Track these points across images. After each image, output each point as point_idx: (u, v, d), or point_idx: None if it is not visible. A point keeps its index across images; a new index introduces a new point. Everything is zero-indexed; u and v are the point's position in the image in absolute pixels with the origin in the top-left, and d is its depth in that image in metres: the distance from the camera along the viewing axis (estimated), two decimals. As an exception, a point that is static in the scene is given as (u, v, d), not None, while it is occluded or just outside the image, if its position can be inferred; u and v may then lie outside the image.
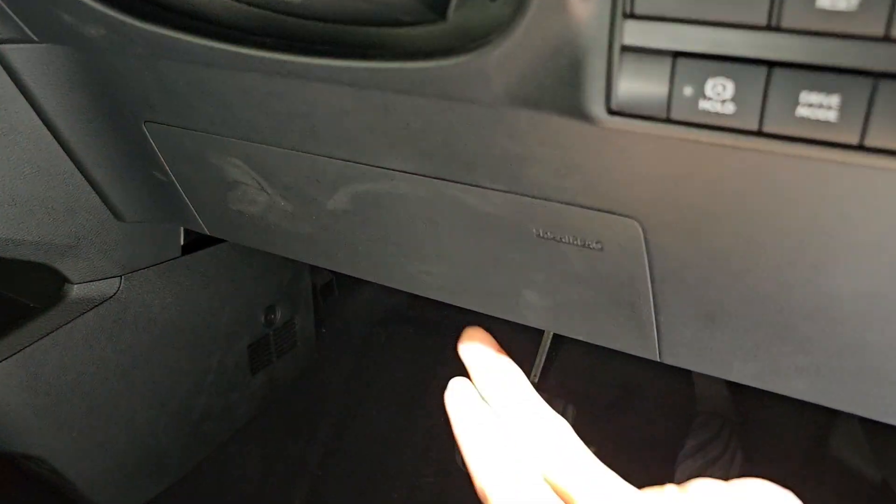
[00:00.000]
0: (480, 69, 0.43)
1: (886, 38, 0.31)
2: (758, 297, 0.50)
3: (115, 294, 0.90)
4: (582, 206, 0.52)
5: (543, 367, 1.19)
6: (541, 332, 1.23)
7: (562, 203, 0.52)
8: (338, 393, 1.33)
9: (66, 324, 0.86)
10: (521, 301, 0.64)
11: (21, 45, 0.67)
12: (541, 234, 0.56)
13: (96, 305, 0.89)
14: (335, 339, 1.36)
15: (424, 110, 0.51)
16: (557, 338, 1.25)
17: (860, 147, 0.34)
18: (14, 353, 0.82)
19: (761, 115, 0.35)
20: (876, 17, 0.31)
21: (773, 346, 0.54)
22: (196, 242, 1.01)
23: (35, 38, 0.66)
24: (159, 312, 0.98)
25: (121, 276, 0.91)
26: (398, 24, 0.50)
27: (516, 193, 0.54)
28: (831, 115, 0.34)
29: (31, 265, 0.82)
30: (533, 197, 0.53)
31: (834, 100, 0.33)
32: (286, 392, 1.29)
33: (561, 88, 0.41)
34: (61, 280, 0.87)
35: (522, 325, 0.69)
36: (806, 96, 0.34)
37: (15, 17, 0.64)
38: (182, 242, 0.98)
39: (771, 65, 0.34)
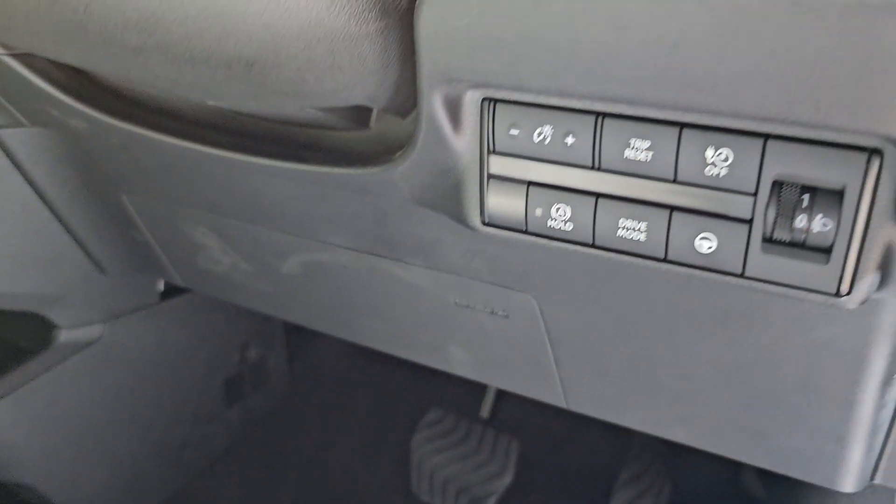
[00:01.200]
0: (389, 179, 0.53)
1: (675, 181, 0.41)
2: (634, 361, 0.60)
3: (99, 338, 1.00)
4: (487, 283, 0.61)
5: (495, 401, 1.28)
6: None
7: (471, 279, 0.62)
8: (311, 424, 1.42)
9: (55, 366, 0.96)
10: (449, 355, 0.74)
11: (15, 129, 0.76)
12: (457, 302, 0.66)
13: (82, 349, 0.98)
14: (308, 374, 1.45)
15: (353, 200, 0.61)
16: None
17: (664, 260, 0.43)
18: (8, 395, 0.91)
19: (593, 233, 0.45)
20: (666, 165, 0.41)
21: (653, 399, 0.63)
22: (174, 288, 1.10)
23: (27, 123, 0.76)
24: (141, 353, 1.08)
25: (105, 322, 1.00)
26: (333, 128, 0.60)
27: (433, 269, 0.63)
28: (642, 237, 0.43)
29: (22, 312, 0.92)
30: (447, 272, 0.63)
31: (642, 225, 0.43)
32: (261, 424, 1.38)
33: (449, 201, 0.50)
34: (50, 326, 0.96)
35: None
36: (623, 221, 0.43)
37: (10, 107, 0.74)
38: (161, 290, 1.07)
39: (598, 196, 0.44)
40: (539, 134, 0.43)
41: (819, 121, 0.34)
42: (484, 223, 0.48)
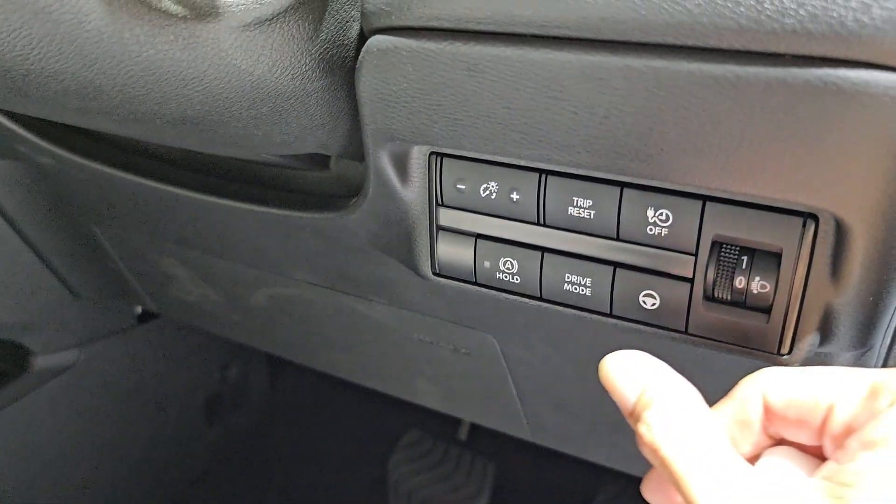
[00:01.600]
0: (345, 224, 0.53)
1: (618, 239, 0.41)
2: (593, 399, 0.60)
3: (75, 363, 1.00)
4: (448, 321, 0.61)
5: (472, 424, 1.28)
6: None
7: (432, 317, 0.62)
8: (291, 444, 1.42)
9: (30, 392, 0.96)
10: (416, 388, 0.74)
11: (-17, 162, 0.77)
12: (420, 339, 0.66)
13: (58, 374, 0.98)
14: (288, 393, 1.45)
15: (315, 241, 0.61)
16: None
17: (610, 315, 0.44)
18: (-16, 420, 0.92)
19: (540, 286, 0.45)
20: (608, 224, 0.41)
21: (615, 436, 0.64)
22: (152, 311, 1.10)
23: (-6, 156, 0.76)
24: (118, 377, 1.08)
25: (80, 347, 1.00)
26: (294, 168, 0.60)
27: (395, 307, 0.63)
28: (587, 292, 0.43)
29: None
30: (409, 310, 0.63)
31: (587, 280, 0.43)
32: (242, 443, 1.38)
33: (402, 249, 0.50)
34: (24, 352, 0.96)
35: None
36: (569, 276, 0.44)
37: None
38: (138, 313, 1.07)
39: (543, 250, 0.44)
40: (485, 189, 0.43)
41: (751, 192, 0.35)
42: (434, 273, 0.49)
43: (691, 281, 0.40)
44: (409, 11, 0.36)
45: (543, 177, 0.41)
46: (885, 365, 0.53)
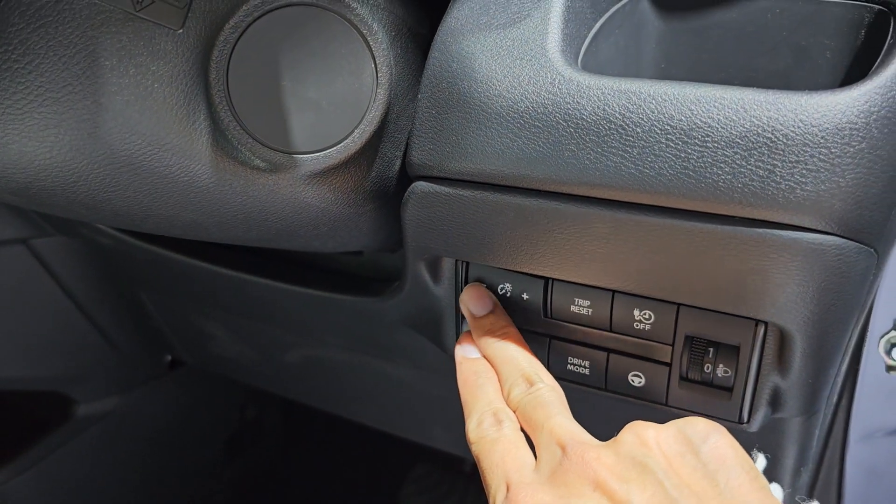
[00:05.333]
0: (382, 307, 0.63)
1: (611, 331, 0.51)
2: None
3: (113, 410, 1.09)
4: (464, 382, 0.71)
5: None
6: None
7: (451, 378, 0.72)
8: (304, 476, 1.52)
9: (74, 438, 1.05)
10: (433, 434, 0.84)
11: (44, 238, 0.86)
12: (438, 394, 0.76)
13: (98, 421, 1.07)
14: (302, 429, 1.55)
15: (350, 316, 0.71)
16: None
17: (605, 389, 0.54)
18: (31, 467, 1.00)
19: (548, 365, 0.55)
20: (603, 319, 0.51)
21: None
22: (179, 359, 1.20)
23: (53, 233, 0.85)
24: (151, 420, 1.17)
25: (119, 394, 1.09)
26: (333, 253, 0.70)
27: (418, 369, 0.73)
28: (586, 371, 0.53)
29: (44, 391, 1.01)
30: (430, 372, 0.73)
31: (586, 363, 0.53)
32: (259, 478, 1.47)
33: (431, 330, 0.60)
34: (69, 401, 1.05)
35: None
36: (571, 359, 0.54)
37: (40, 220, 0.84)
38: (168, 361, 1.16)
39: (550, 338, 0.54)
40: (502, 289, 0.54)
41: (714, 307, 0.45)
42: (460, 351, 0.59)
43: (669, 365, 0.50)
44: (445, 166, 0.47)
45: (549, 283, 0.51)
46: (832, 422, 0.65)
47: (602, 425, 0.64)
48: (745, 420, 0.50)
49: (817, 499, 0.73)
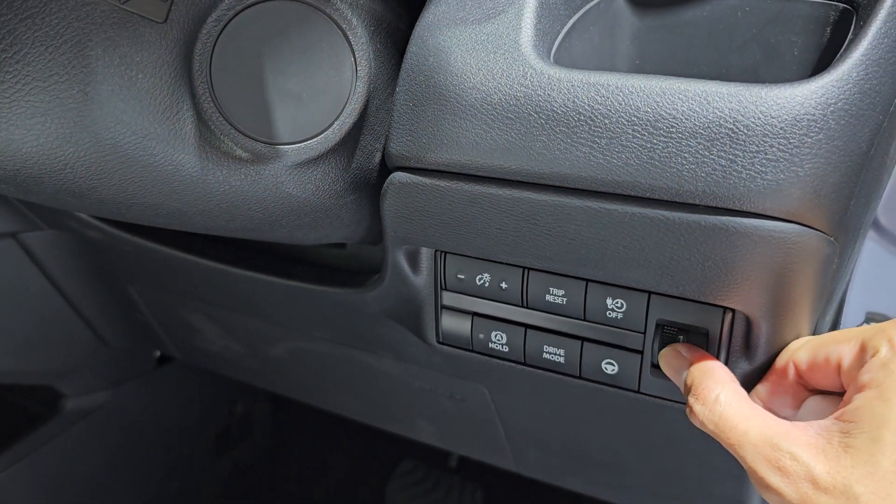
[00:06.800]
0: (364, 299, 0.64)
1: (585, 320, 0.53)
2: (569, 440, 0.72)
3: (102, 404, 1.10)
4: (446, 374, 0.73)
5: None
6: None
7: (432, 370, 0.73)
8: (293, 473, 1.53)
9: (64, 432, 1.06)
10: (416, 427, 0.85)
11: (35, 233, 0.87)
12: (421, 387, 0.77)
13: (87, 415, 1.08)
14: (290, 425, 1.56)
15: (333, 308, 0.72)
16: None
17: (579, 377, 0.55)
18: (21, 460, 1.01)
19: (524, 354, 0.56)
20: (577, 308, 0.52)
21: (587, 469, 0.75)
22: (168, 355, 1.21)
23: (45, 227, 0.87)
24: (140, 415, 1.18)
25: (107, 389, 1.10)
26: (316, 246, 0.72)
27: (400, 361, 0.75)
28: (561, 360, 0.55)
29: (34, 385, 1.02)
30: (412, 364, 0.74)
31: (561, 351, 0.55)
32: (248, 473, 1.48)
33: (411, 321, 0.62)
34: (58, 395, 1.06)
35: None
36: (547, 347, 0.55)
37: (31, 214, 0.85)
38: (157, 357, 1.18)
39: (526, 327, 0.55)
40: (480, 279, 0.55)
41: (682, 294, 0.46)
42: (438, 342, 0.60)
43: (641, 353, 0.52)
44: (423, 157, 0.48)
45: (526, 272, 0.53)
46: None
47: (584, 406, 0.65)
48: (715, 406, 0.51)
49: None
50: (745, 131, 0.40)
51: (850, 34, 0.45)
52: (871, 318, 0.67)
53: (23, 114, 0.41)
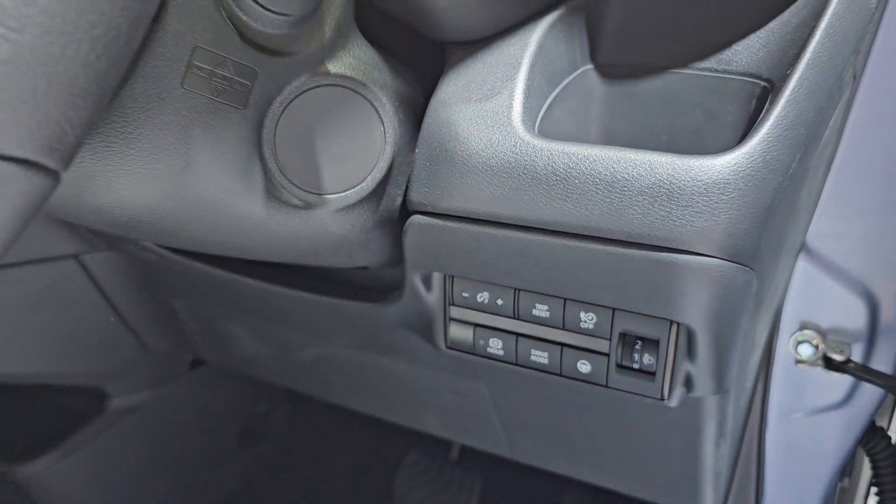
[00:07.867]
0: (384, 312, 0.78)
1: (564, 329, 0.67)
2: (553, 428, 0.85)
3: (143, 403, 1.23)
4: (451, 374, 0.86)
5: (462, 445, 1.54)
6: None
7: (440, 371, 0.87)
8: (308, 464, 1.66)
9: (109, 429, 1.19)
10: (424, 419, 0.99)
11: (94, 254, 1.01)
12: (429, 385, 0.91)
13: (130, 413, 1.22)
14: (305, 422, 1.70)
15: (356, 320, 0.85)
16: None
17: (560, 374, 0.69)
18: (70, 455, 1.15)
19: (516, 357, 0.70)
20: (558, 320, 0.66)
21: (569, 452, 0.89)
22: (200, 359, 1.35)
23: (105, 248, 1.00)
24: (174, 414, 1.32)
25: (148, 390, 1.24)
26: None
27: (413, 363, 0.88)
28: (545, 361, 0.69)
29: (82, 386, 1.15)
30: (423, 366, 0.88)
31: (545, 354, 0.68)
32: (268, 466, 1.62)
33: (425, 330, 0.75)
34: (104, 395, 1.20)
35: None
36: (534, 351, 0.69)
37: (95, 239, 0.98)
38: (190, 360, 1.31)
39: (517, 335, 0.69)
40: (480, 297, 0.68)
41: (638, 309, 0.60)
42: (447, 347, 0.74)
43: (608, 356, 0.66)
44: (437, 205, 0.62)
45: (517, 292, 0.67)
46: (749, 405, 0.80)
47: (565, 400, 0.79)
48: (666, 397, 0.65)
49: (741, 470, 0.88)
50: (679, 191, 0.54)
51: (764, 110, 0.59)
52: (804, 325, 0.81)
53: (140, 178, 0.54)
